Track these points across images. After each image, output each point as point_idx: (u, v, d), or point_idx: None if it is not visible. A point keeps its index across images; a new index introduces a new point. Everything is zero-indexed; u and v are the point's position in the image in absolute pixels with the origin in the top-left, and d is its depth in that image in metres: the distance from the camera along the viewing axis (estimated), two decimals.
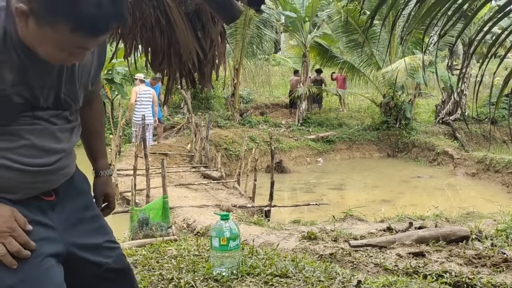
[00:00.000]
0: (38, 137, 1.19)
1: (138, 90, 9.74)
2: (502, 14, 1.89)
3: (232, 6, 2.14)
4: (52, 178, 1.24)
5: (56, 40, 1.04)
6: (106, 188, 1.55)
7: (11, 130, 1.15)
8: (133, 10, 2.49)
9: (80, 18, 0.99)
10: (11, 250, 1.12)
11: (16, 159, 1.16)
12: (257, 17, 13.23)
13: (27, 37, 1.06)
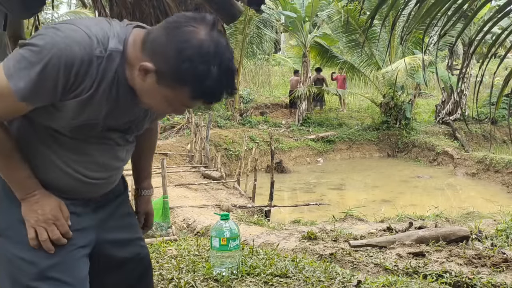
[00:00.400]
0: (102, 155, 1.32)
1: None
2: (502, 14, 1.89)
3: (232, 6, 2.14)
4: (103, 188, 1.39)
5: (169, 98, 1.17)
6: (148, 207, 1.66)
7: (81, 146, 1.28)
8: (133, 10, 2.49)
9: (203, 90, 1.13)
10: (52, 237, 1.24)
11: (78, 170, 1.29)
12: (257, 17, 13.24)
13: (138, 85, 1.18)
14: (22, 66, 1.11)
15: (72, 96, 1.16)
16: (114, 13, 2.60)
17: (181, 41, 1.09)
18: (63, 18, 20.79)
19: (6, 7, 2.10)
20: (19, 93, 1.12)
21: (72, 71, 1.11)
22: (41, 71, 1.10)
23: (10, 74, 1.11)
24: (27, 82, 1.11)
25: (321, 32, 15.55)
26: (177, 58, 1.09)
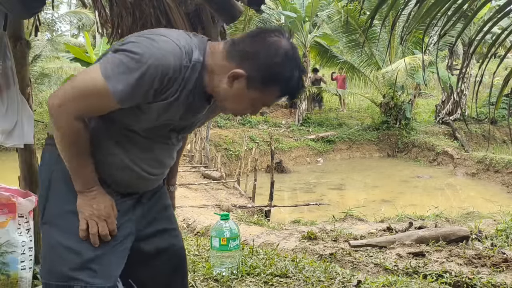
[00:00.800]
0: (162, 153, 1.45)
1: None
2: (502, 14, 1.89)
3: (232, 6, 2.14)
4: (155, 184, 1.51)
5: (256, 100, 1.34)
6: (173, 201, 1.75)
7: (150, 144, 1.40)
8: (133, 10, 2.49)
9: (288, 90, 1.34)
10: (101, 232, 1.34)
11: (143, 167, 1.41)
12: (257, 17, 13.24)
13: (222, 91, 1.32)
14: (120, 70, 1.22)
15: (160, 99, 1.28)
16: (114, 13, 2.60)
17: (270, 49, 1.27)
18: (63, 18, 20.79)
19: (6, 7, 2.11)
20: (116, 95, 1.23)
21: (165, 79, 1.24)
22: (139, 77, 1.22)
23: (108, 76, 1.23)
24: (125, 86, 1.22)
25: (321, 32, 15.55)
26: (268, 64, 1.27)
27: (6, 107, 2.27)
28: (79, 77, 1.29)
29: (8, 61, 2.28)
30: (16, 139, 2.31)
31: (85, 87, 1.26)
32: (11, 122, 2.28)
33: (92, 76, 1.26)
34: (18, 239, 2.28)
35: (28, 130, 2.35)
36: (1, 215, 2.26)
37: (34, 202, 2.37)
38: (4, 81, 2.26)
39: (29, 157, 2.53)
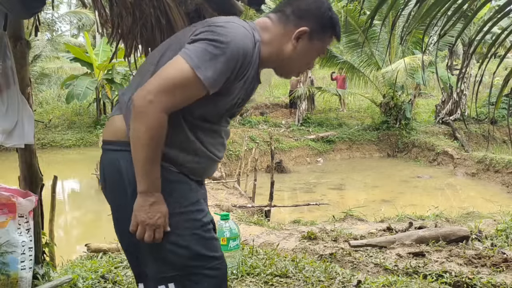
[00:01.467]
0: (224, 136, 1.55)
1: None
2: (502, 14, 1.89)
3: (232, 6, 2.14)
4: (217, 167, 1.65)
5: (317, 51, 1.51)
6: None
7: (216, 129, 1.49)
8: (133, 10, 2.49)
9: (337, 31, 1.51)
10: (145, 240, 1.37)
11: (213, 152, 1.50)
12: (257, 17, 13.24)
13: (287, 55, 1.47)
14: (206, 58, 1.31)
15: (239, 79, 1.39)
16: (114, 13, 2.60)
17: (316, 2, 1.46)
18: (63, 18, 20.78)
19: (6, 7, 2.11)
20: (207, 81, 1.31)
21: (245, 60, 1.36)
22: (225, 61, 1.31)
23: (196, 65, 1.30)
24: (214, 72, 1.31)
25: None
26: (321, 13, 1.46)
27: (6, 107, 2.27)
28: (166, 71, 1.33)
29: (8, 61, 2.28)
30: (16, 139, 2.31)
31: (175, 79, 1.30)
32: (12, 122, 2.28)
33: (179, 68, 1.31)
34: (18, 239, 2.28)
35: (29, 130, 2.34)
36: (1, 215, 2.26)
37: (34, 202, 2.37)
38: (4, 81, 2.26)
39: (29, 157, 2.52)
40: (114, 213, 1.52)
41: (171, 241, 1.41)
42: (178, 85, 1.30)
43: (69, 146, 13.93)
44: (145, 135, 1.31)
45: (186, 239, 1.43)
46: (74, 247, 5.91)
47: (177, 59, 1.32)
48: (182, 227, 1.43)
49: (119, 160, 1.41)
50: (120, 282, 2.70)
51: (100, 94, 14.21)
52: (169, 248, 1.41)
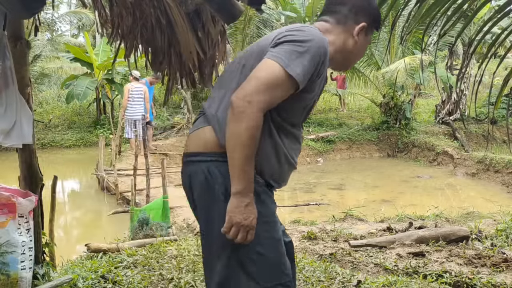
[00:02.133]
0: (300, 142, 1.63)
1: (130, 88, 9.75)
2: (502, 14, 1.89)
3: (233, 6, 2.14)
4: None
5: (368, 41, 1.67)
6: None
7: (295, 133, 1.59)
8: (133, 10, 2.49)
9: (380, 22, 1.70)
10: (237, 240, 1.42)
11: (293, 157, 1.58)
12: (257, 17, 13.24)
13: (350, 49, 1.62)
14: (293, 57, 1.42)
15: (319, 76, 1.51)
16: (114, 13, 2.60)
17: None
18: (63, 18, 20.78)
19: (6, 7, 2.10)
20: (298, 78, 1.42)
21: (325, 59, 1.49)
22: (310, 59, 1.44)
23: (286, 64, 1.41)
24: (302, 68, 1.43)
25: None
26: (370, 8, 1.62)
27: (4, 107, 2.26)
28: (259, 74, 1.42)
29: (7, 61, 2.28)
30: (14, 139, 2.30)
31: (269, 79, 1.41)
32: (10, 122, 2.28)
33: (271, 69, 1.42)
34: (18, 239, 2.28)
35: (27, 131, 2.34)
36: (1, 215, 2.26)
37: (34, 202, 2.37)
38: (3, 81, 2.25)
39: (29, 157, 2.52)
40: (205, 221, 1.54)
41: (253, 250, 1.46)
42: (272, 85, 1.41)
43: (69, 146, 13.92)
44: (245, 134, 1.39)
45: (267, 249, 1.47)
46: (74, 247, 5.91)
47: (267, 62, 1.43)
48: (263, 237, 1.48)
49: (211, 170, 1.48)
50: (120, 282, 2.70)
51: (100, 94, 14.19)
52: (250, 256, 1.46)
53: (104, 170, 8.43)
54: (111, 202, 7.51)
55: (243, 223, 1.41)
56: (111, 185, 7.84)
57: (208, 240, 1.53)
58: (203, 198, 1.51)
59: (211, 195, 1.48)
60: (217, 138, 1.49)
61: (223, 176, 1.46)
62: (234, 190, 1.41)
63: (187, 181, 1.55)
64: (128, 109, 9.64)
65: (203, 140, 1.52)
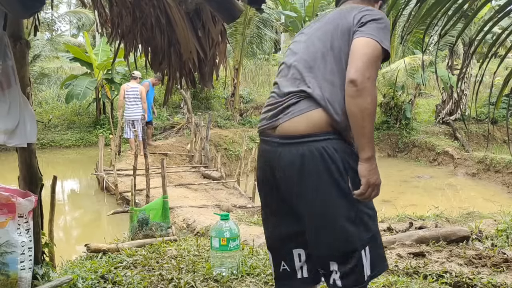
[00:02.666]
0: None
1: (126, 88, 9.75)
2: (503, 14, 1.89)
3: (233, 5, 2.13)
4: None
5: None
6: None
7: None
8: (133, 10, 2.49)
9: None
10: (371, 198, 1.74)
11: None
12: (257, 17, 13.23)
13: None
14: (381, 33, 1.66)
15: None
16: (114, 13, 2.59)
17: None
18: (62, 18, 20.78)
19: (5, 7, 2.10)
20: (389, 50, 1.67)
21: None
22: (388, 32, 1.69)
23: (380, 40, 1.64)
24: (388, 41, 1.67)
25: None
26: None
27: (8, 107, 2.26)
28: (363, 51, 1.62)
29: (9, 61, 2.27)
30: (18, 138, 2.30)
31: (373, 55, 1.62)
32: (14, 122, 2.28)
33: (372, 45, 1.63)
34: (17, 239, 2.28)
35: (31, 130, 2.34)
36: (0, 215, 2.25)
37: (33, 202, 2.36)
38: (5, 80, 2.25)
39: (29, 157, 2.52)
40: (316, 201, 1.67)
41: (369, 205, 1.79)
42: (376, 58, 1.63)
43: (68, 146, 13.92)
44: (371, 106, 1.59)
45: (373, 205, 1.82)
46: (73, 247, 5.90)
47: (366, 40, 1.64)
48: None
49: (326, 147, 1.64)
50: (120, 282, 2.69)
51: (100, 94, 14.19)
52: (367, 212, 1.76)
53: (103, 170, 8.43)
54: (110, 202, 7.51)
55: (377, 182, 1.67)
56: (110, 185, 7.83)
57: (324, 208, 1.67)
58: (319, 174, 1.64)
59: (329, 170, 1.63)
60: (329, 118, 1.64)
61: (337, 151, 1.64)
62: (366, 156, 1.64)
63: (297, 161, 1.65)
64: (126, 110, 9.66)
65: (312, 121, 1.65)
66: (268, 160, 1.78)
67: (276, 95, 1.79)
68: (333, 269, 1.69)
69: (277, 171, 1.73)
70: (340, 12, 1.83)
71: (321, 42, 1.75)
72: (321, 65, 1.70)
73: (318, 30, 1.83)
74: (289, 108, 1.70)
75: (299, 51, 1.80)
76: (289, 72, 1.78)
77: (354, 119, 1.60)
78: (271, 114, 1.76)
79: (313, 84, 1.68)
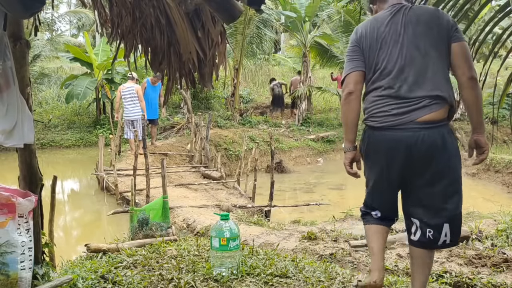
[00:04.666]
0: None
1: (122, 88, 9.78)
2: (503, 14, 1.89)
3: (232, 6, 2.13)
4: None
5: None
6: None
7: None
8: (133, 10, 2.49)
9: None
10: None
11: None
12: (257, 17, 13.22)
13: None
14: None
15: None
16: (113, 13, 2.59)
17: None
18: (62, 18, 20.78)
19: (5, 7, 2.10)
20: None
21: None
22: None
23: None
24: None
25: (321, 32, 15.54)
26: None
27: (6, 107, 2.26)
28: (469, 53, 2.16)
29: (8, 61, 2.27)
30: (16, 139, 2.30)
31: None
32: (11, 122, 2.28)
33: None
34: (17, 239, 2.27)
35: (28, 130, 2.34)
36: (0, 215, 2.25)
37: (33, 202, 2.36)
38: (4, 81, 2.25)
39: (29, 157, 2.52)
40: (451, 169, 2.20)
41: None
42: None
43: (68, 146, 13.92)
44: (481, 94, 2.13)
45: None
46: (73, 247, 5.90)
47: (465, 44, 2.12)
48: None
49: (444, 132, 2.15)
50: (120, 282, 2.69)
51: (100, 94, 14.19)
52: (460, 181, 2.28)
53: (104, 170, 8.43)
54: (110, 202, 7.51)
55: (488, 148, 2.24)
56: (110, 185, 7.83)
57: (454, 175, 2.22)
58: (454, 148, 2.20)
59: (455, 146, 2.20)
60: (448, 111, 2.16)
61: (447, 135, 2.16)
62: (482, 130, 2.20)
63: (439, 139, 2.13)
64: (124, 110, 9.69)
65: (444, 113, 2.14)
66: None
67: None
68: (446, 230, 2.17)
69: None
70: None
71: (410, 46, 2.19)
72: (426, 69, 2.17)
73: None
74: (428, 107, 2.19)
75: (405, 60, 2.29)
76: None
77: (475, 106, 2.15)
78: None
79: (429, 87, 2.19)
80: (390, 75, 2.13)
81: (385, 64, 2.14)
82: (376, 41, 2.17)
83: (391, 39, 2.13)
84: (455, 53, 2.08)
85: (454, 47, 2.08)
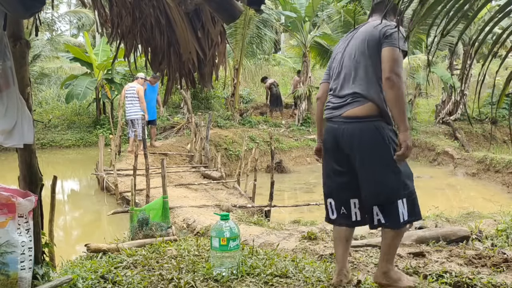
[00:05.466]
0: None
1: (126, 88, 9.85)
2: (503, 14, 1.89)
3: (232, 5, 2.13)
4: None
5: None
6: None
7: None
8: (133, 10, 2.49)
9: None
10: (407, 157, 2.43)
11: None
12: (257, 17, 13.22)
13: None
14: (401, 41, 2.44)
15: None
16: (114, 13, 2.59)
17: None
18: (62, 18, 20.77)
19: (5, 7, 2.10)
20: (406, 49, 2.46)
21: None
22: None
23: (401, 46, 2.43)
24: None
25: (321, 32, 15.54)
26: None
27: (5, 107, 2.26)
28: (395, 56, 2.38)
29: (8, 61, 2.27)
30: (15, 139, 2.30)
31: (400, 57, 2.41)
32: (11, 123, 2.28)
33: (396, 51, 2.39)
34: (17, 239, 2.27)
35: (28, 130, 2.34)
36: (0, 215, 2.25)
37: (33, 202, 2.36)
38: (4, 81, 2.25)
39: (29, 157, 2.52)
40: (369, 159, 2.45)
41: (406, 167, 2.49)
42: (400, 59, 2.38)
43: (68, 146, 13.92)
44: (402, 92, 2.34)
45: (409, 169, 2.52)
46: (73, 247, 5.90)
47: (392, 48, 2.39)
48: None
49: (378, 126, 2.43)
50: (120, 282, 2.69)
51: (100, 94, 14.19)
52: (402, 169, 2.45)
53: (103, 170, 8.43)
54: (110, 202, 7.51)
55: (411, 145, 2.37)
56: (110, 185, 7.83)
57: (374, 164, 2.45)
58: (373, 141, 2.42)
59: (380, 139, 2.42)
60: (377, 107, 2.44)
61: (384, 128, 2.43)
62: (404, 129, 2.34)
63: (357, 133, 2.45)
64: (125, 109, 9.74)
65: (367, 109, 2.45)
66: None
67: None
68: (376, 211, 2.44)
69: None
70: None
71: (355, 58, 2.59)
72: (355, 74, 2.56)
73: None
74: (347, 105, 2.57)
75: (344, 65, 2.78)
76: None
77: (393, 104, 2.37)
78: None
79: (359, 87, 2.56)
80: (333, 79, 2.68)
81: (333, 71, 2.72)
82: (333, 54, 2.78)
83: (339, 52, 2.70)
84: (381, 57, 2.41)
85: (382, 52, 2.41)
